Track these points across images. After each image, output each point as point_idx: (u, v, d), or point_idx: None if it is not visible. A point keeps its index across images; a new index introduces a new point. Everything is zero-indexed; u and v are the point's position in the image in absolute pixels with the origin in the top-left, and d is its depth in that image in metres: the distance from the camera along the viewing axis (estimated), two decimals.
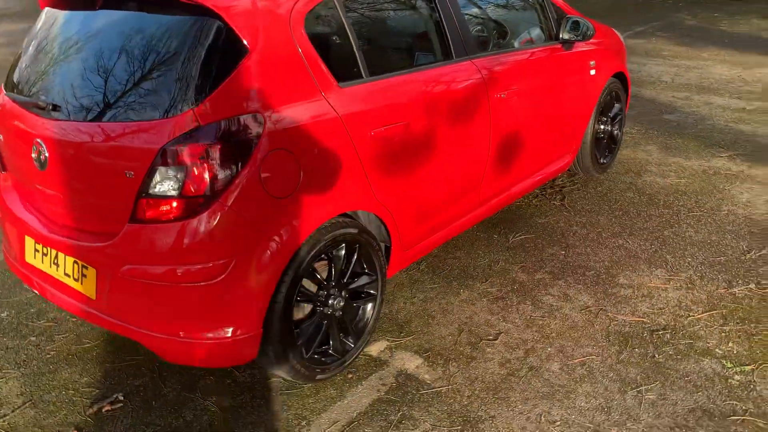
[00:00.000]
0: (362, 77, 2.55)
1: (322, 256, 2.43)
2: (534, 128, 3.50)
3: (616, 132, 4.46)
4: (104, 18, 2.43)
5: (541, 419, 2.35)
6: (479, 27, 3.24)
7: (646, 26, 10.01)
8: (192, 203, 2.10)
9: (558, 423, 2.33)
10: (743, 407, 2.36)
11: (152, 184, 2.11)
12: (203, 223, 2.10)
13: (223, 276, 2.14)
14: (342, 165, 2.42)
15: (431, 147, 2.81)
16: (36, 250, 2.60)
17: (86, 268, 2.38)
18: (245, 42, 2.18)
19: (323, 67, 2.39)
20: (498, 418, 2.36)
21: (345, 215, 2.52)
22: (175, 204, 2.11)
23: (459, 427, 2.33)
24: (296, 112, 2.28)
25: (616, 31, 4.50)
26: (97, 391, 2.63)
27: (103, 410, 2.51)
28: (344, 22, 2.53)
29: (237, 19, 2.17)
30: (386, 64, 2.74)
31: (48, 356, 2.86)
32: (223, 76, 2.14)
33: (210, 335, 2.21)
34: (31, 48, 2.66)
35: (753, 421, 2.30)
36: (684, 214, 3.87)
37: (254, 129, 2.15)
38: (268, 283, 2.24)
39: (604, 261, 3.39)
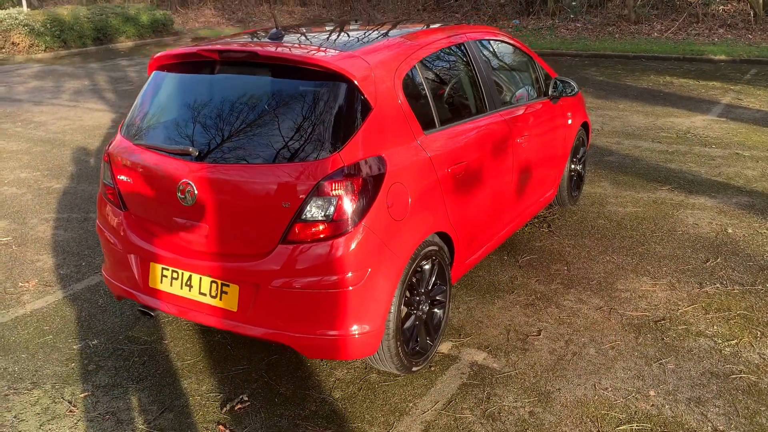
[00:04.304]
0: (436, 126, 3.22)
1: (417, 268, 3.03)
2: (537, 166, 4.28)
3: (581, 170, 5.35)
4: (236, 80, 2.98)
5: (596, 387, 3.02)
6: (499, 85, 4.01)
7: None
8: (340, 225, 2.66)
9: (609, 389, 3.01)
10: (737, 368, 3.14)
11: (306, 211, 2.65)
12: (348, 240, 2.66)
13: (361, 282, 2.70)
14: (432, 195, 3.07)
15: (480, 180, 3.50)
16: (164, 276, 3.03)
17: (227, 285, 2.85)
18: (369, 101, 2.80)
19: (414, 118, 3.05)
20: (563, 390, 3.02)
21: None
22: (324, 227, 2.66)
23: (536, 398, 2.96)
24: (403, 154, 2.92)
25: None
26: (221, 395, 3.05)
27: (236, 408, 2.95)
28: (423, 83, 3.21)
29: (364, 83, 2.79)
30: (448, 116, 3.43)
31: (159, 372, 3.24)
32: (357, 127, 2.74)
33: (348, 332, 2.74)
34: (155, 104, 3.15)
35: (746, 377, 3.08)
36: (649, 235, 4.75)
37: (382, 167, 2.76)
38: (391, 288, 2.81)
39: (600, 273, 4.17)
